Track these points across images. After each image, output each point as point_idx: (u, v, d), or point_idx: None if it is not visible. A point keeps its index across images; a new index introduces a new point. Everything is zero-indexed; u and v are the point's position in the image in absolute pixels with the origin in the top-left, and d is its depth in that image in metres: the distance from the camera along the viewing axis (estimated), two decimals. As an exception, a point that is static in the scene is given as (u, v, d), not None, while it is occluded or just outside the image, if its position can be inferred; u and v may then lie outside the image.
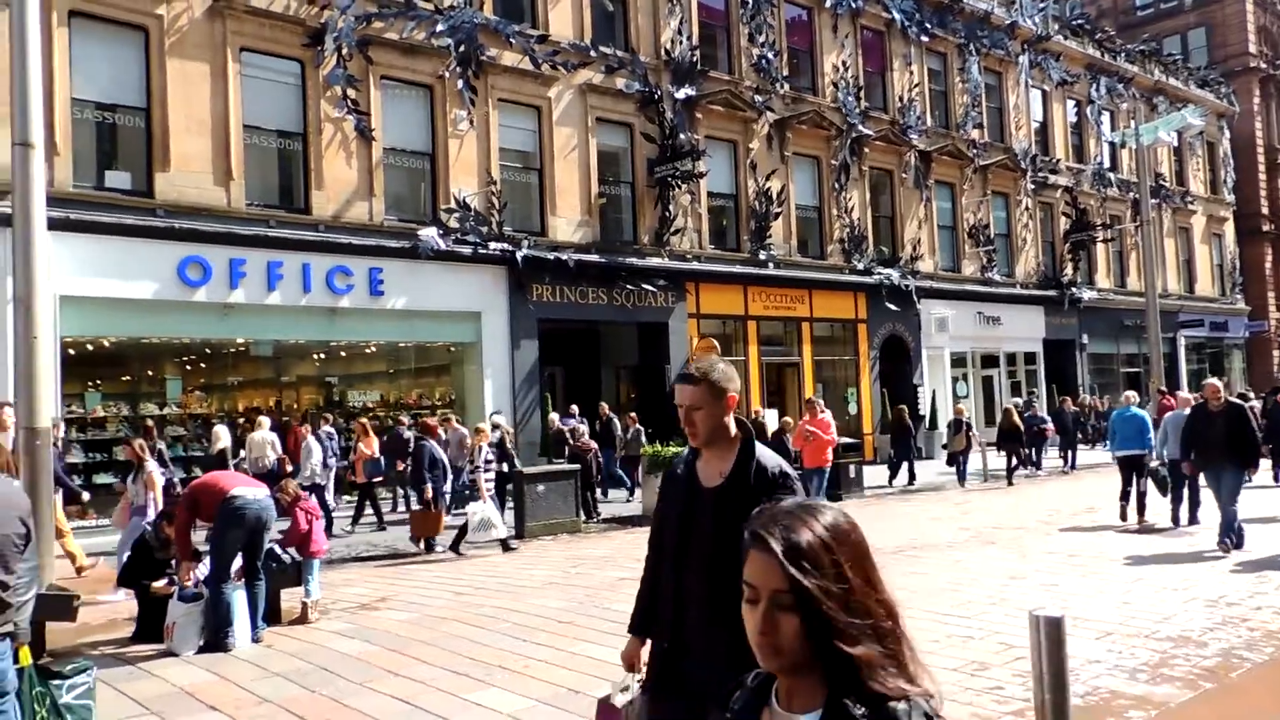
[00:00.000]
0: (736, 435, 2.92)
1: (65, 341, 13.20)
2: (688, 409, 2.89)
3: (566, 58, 18.75)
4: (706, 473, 2.93)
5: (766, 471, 2.83)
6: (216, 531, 7.40)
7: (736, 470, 2.85)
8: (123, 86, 14.13)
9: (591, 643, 7.06)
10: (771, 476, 2.83)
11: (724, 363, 2.99)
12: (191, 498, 7.51)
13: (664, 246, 20.10)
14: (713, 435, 2.89)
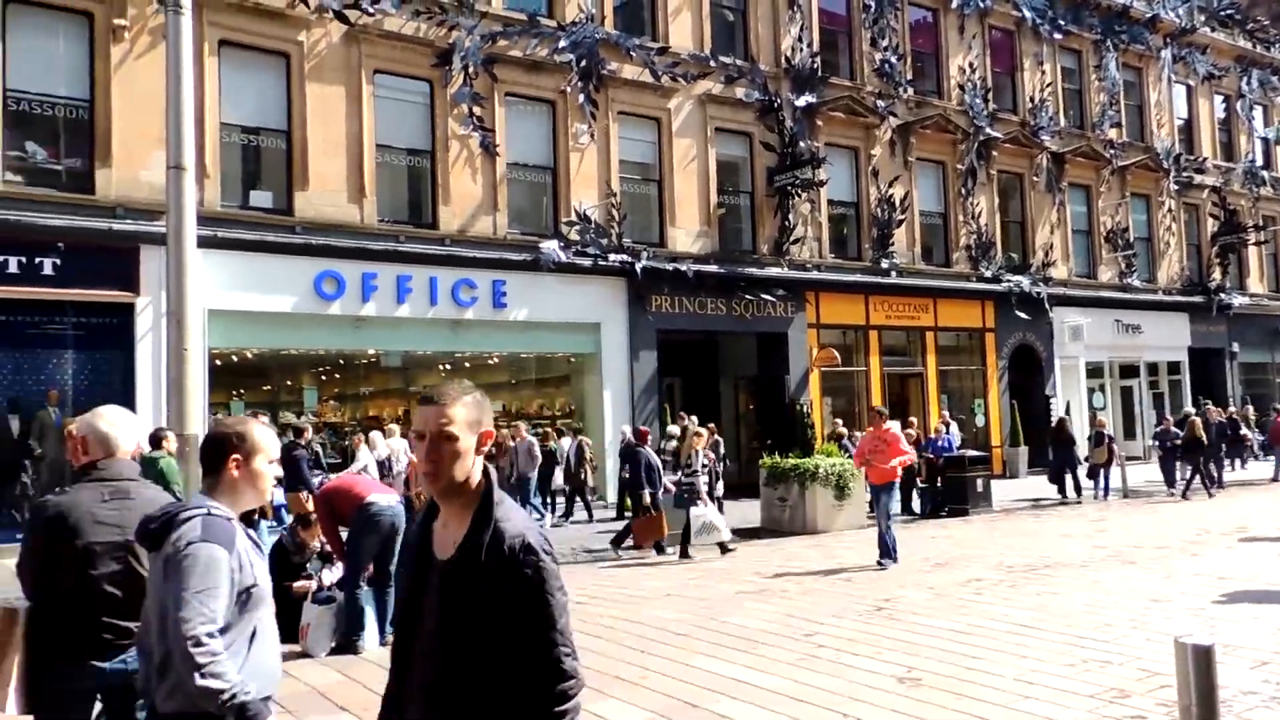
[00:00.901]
0: (479, 485, 2.27)
1: (212, 353, 13.97)
2: (434, 437, 2.22)
3: (686, 69, 18.81)
4: (441, 540, 2.28)
5: (503, 544, 2.17)
6: (353, 536, 7.68)
7: (469, 540, 2.20)
8: (266, 110, 14.90)
9: (708, 656, 7.02)
10: (509, 552, 2.17)
11: (479, 390, 2.37)
12: (328, 502, 7.80)
13: (783, 256, 19.91)
14: (454, 484, 2.24)
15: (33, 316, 12.91)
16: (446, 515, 2.29)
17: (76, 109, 13.40)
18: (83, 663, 3.40)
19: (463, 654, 2.18)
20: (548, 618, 2.20)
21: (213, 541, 2.61)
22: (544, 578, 2.20)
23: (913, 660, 6.71)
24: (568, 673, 2.20)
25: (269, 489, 2.87)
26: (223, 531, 2.65)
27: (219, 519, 2.68)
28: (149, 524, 2.73)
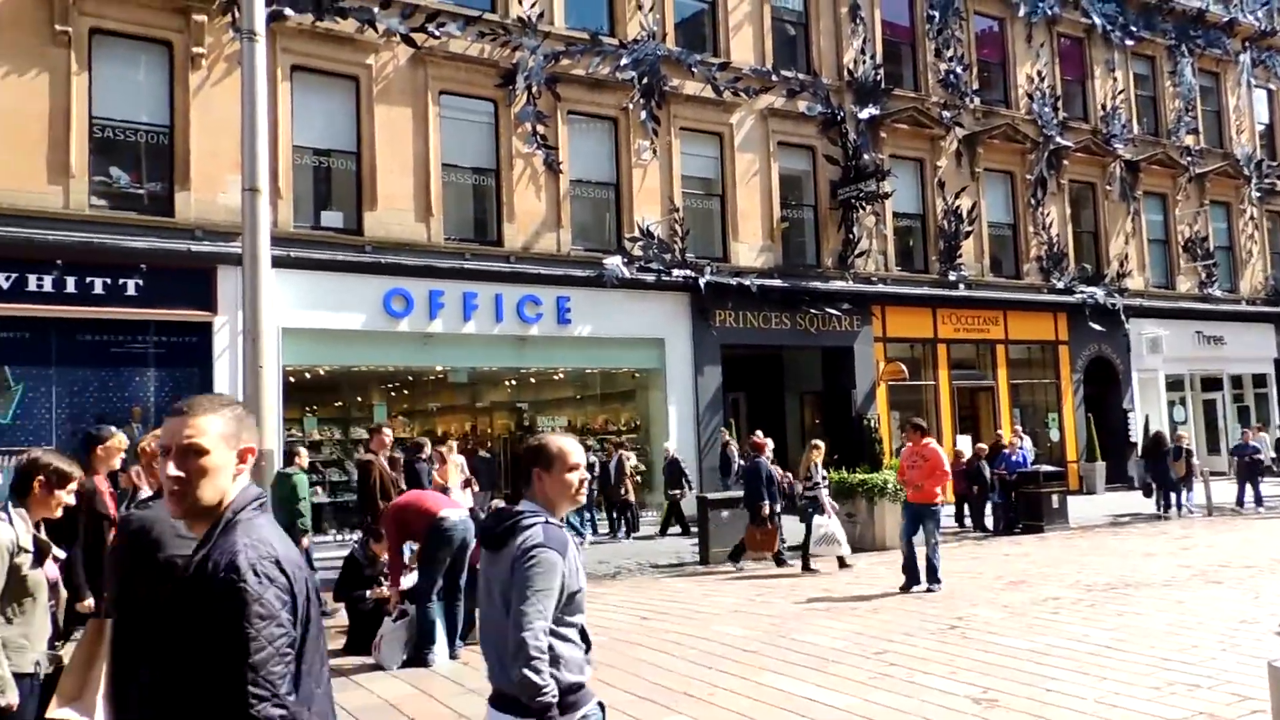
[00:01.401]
0: (222, 507, 2.05)
1: (286, 370, 14.29)
2: (180, 451, 2.02)
3: (748, 83, 18.79)
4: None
5: (207, 563, 1.95)
6: (426, 551, 7.77)
7: (197, 564, 1.99)
8: (336, 133, 15.26)
9: (777, 673, 6.93)
10: (210, 570, 1.94)
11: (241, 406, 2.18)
12: (399, 518, 7.88)
13: (848, 269, 19.71)
14: (201, 506, 2.02)
15: (117, 336, 13.36)
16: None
17: (157, 135, 13.88)
18: None
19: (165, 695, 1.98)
20: (241, 650, 1.89)
21: (551, 548, 2.84)
22: (243, 601, 1.89)
23: (988, 681, 6.53)
24: (255, 718, 1.89)
25: (582, 493, 3.06)
26: (558, 539, 2.89)
27: (554, 526, 2.93)
28: (495, 526, 2.99)
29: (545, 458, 2.99)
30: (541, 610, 2.78)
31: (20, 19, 12.84)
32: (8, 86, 12.71)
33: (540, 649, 2.74)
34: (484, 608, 3.07)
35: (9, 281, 12.51)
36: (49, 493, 3.80)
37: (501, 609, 2.88)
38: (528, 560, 2.81)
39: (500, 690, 2.89)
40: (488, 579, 3.00)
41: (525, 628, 2.74)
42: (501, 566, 2.90)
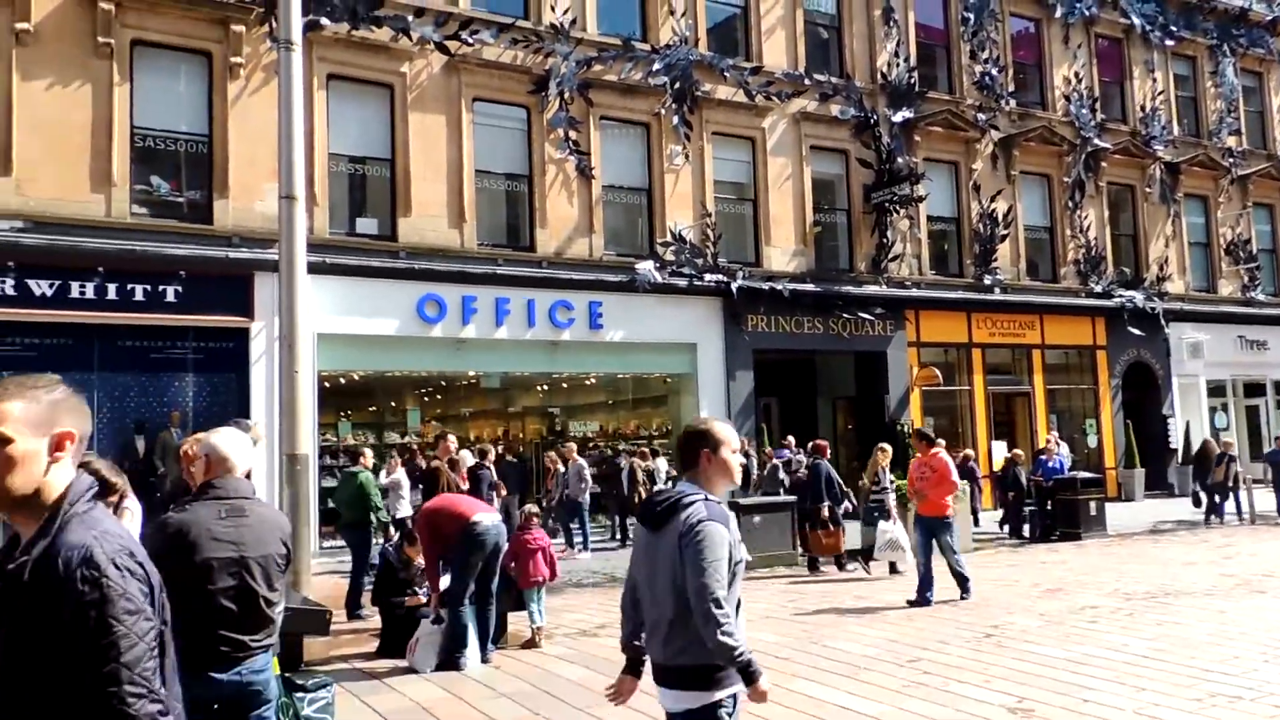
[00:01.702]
0: (61, 496, 1.90)
1: (321, 375, 14.43)
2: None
3: (780, 87, 18.74)
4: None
5: (56, 559, 1.81)
6: (459, 555, 7.80)
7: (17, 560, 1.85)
8: (371, 140, 15.42)
9: (810, 680, 6.89)
10: (63, 567, 1.80)
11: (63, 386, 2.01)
12: (432, 522, 7.91)
13: (882, 273, 19.58)
14: (12, 497, 1.87)
15: (157, 342, 13.58)
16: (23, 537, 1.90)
17: (196, 144, 14.11)
18: (201, 674, 3.52)
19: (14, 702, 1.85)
20: (109, 648, 1.79)
21: (716, 521, 3.03)
22: (108, 598, 1.78)
23: (1024, 690, 6.45)
24: (135, 717, 1.80)
25: (739, 475, 3.26)
26: (721, 513, 3.07)
27: (714, 503, 3.11)
28: (655, 505, 3.18)
29: (713, 440, 3.19)
30: (719, 579, 2.96)
31: (64, 32, 13.11)
32: (52, 98, 12.98)
33: (726, 614, 2.93)
34: (644, 589, 3.22)
35: (53, 289, 12.76)
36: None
37: (666, 586, 3.05)
38: (696, 535, 2.99)
39: (663, 665, 3.09)
40: (649, 559, 3.17)
41: (708, 596, 2.92)
42: (665, 545, 3.07)
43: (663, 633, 3.08)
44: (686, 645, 3.03)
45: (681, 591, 3.02)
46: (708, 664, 3.02)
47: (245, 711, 3.60)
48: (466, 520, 7.71)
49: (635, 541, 3.38)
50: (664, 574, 3.07)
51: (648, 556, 3.20)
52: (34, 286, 12.66)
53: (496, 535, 7.77)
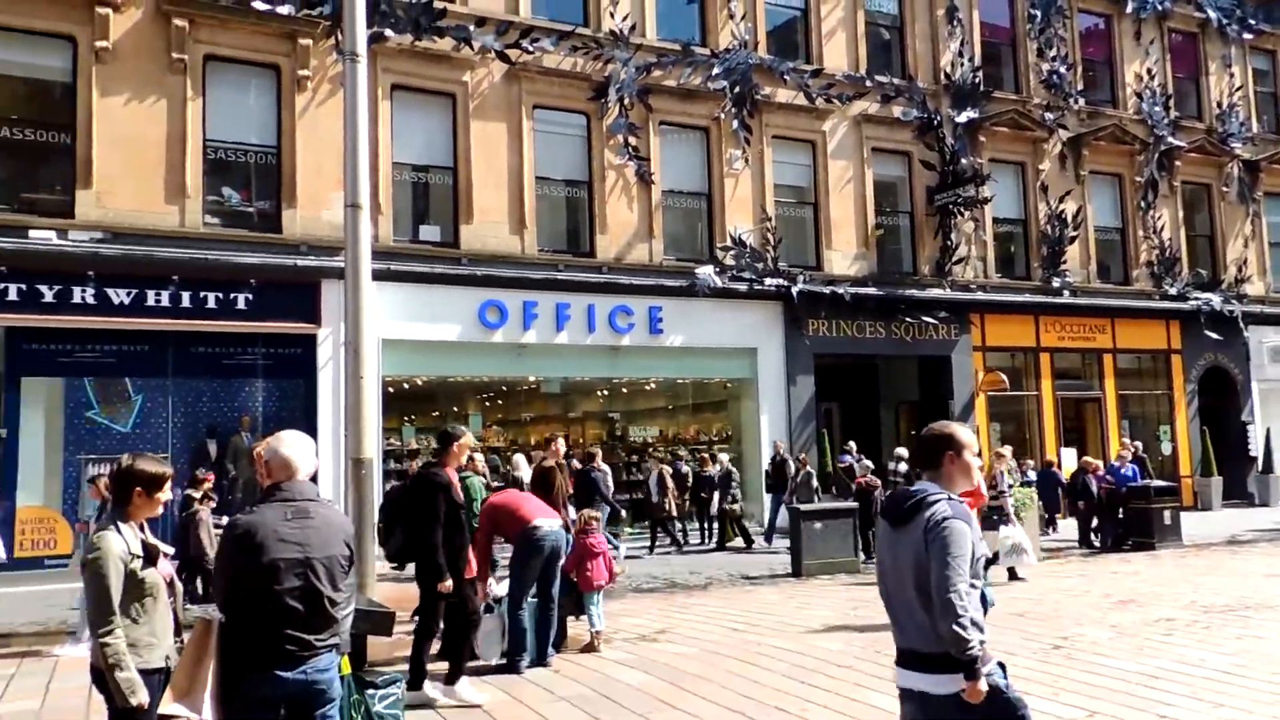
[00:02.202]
0: None
1: (385, 380, 14.67)
2: None
3: (841, 90, 18.58)
4: None
5: None
6: (517, 557, 7.86)
7: None
8: (433, 148, 15.65)
9: (871, 689, 6.79)
10: None
11: None
12: (493, 517, 7.98)
13: (946, 277, 19.28)
14: None
15: (228, 348, 13.95)
16: None
17: (266, 155, 14.46)
18: (267, 672, 3.59)
19: None
20: None
21: (960, 518, 3.28)
22: None
23: (1094, 704, 6.28)
24: None
25: (976, 477, 3.52)
26: (965, 511, 3.32)
27: (957, 501, 3.35)
28: (902, 502, 3.42)
29: (957, 444, 3.46)
30: (962, 573, 3.18)
31: (140, 49, 13.54)
32: (129, 113, 13.41)
33: (965, 607, 3.14)
34: (890, 581, 3.47)
35: (130, 297, 13.17)
36: (148, 496, 3.97)
37: (910, 579, 3.30)
38: (942, 531, 3.23)
39: (910, 650, 3.34)
40: (894, 554, 3.42)
41: (950, 589, 3.14)
42: (908, 540, 3.33)
43: (916, 621, 3.31)
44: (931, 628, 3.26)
45: (927, 583, 3.24)
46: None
47: (311, 710, 3.67)
48: (527, 523, 7.75)
49: (879, 536, 3.67)
50: (908, 566, 3.32)
51: (890, 550, 3.46)
52: (113, 295, 13.09)
53: (555, 540, 7.80)
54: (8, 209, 12.91)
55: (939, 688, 3.27)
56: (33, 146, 13.37)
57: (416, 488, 6.75)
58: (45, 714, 6.72)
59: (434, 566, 6.41)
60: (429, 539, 6.44)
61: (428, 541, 6.44)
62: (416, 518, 6.57)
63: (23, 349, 12.83)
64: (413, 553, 6.65)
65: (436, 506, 6.47)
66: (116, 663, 3.65)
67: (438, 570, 6.40)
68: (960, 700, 3.20)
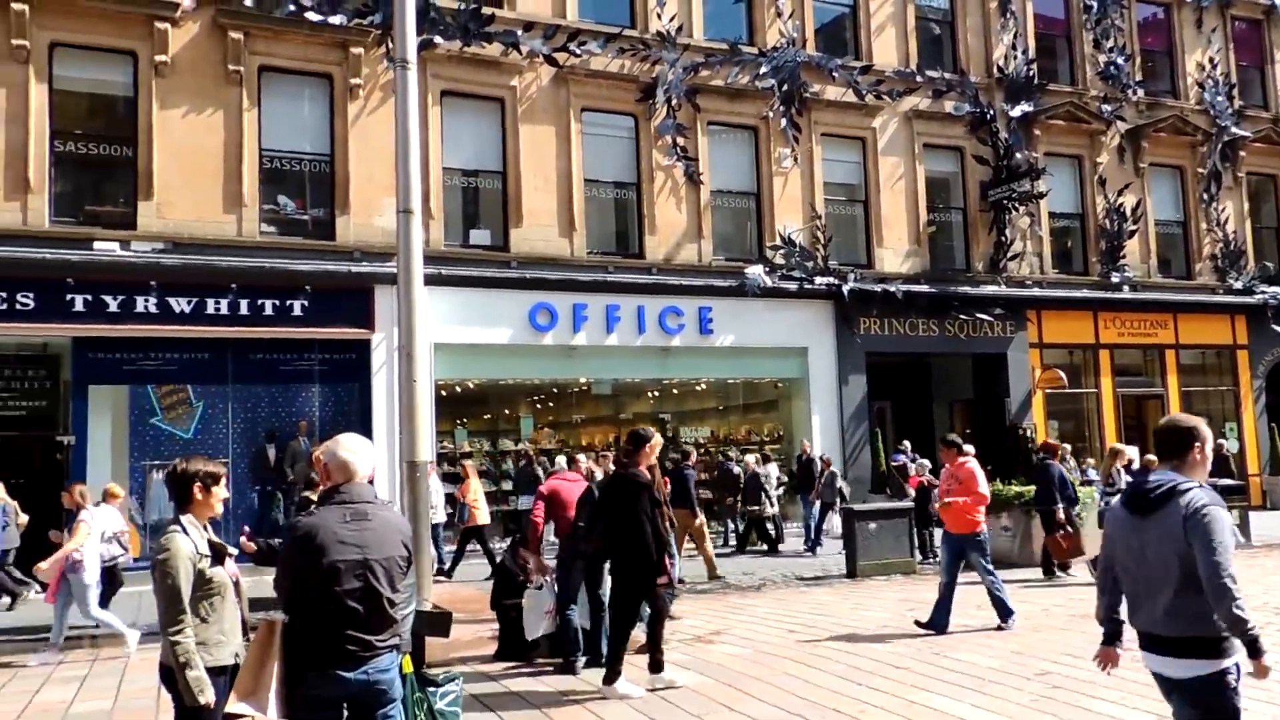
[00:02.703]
0: None
1: (437, 383, 14.81)
2: None
3: (891, 86, 18.37)
4: None
5: None
6: (562, 563, 7.90)
7: None
8: (483, 153, 15.79)
9: (930, 691, 6.69)
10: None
11: None
12: (553, 498, 8.00)
13: (1001, 273, 18.96)
14: None
15: (285, 354, 14.20)
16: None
17: (319, 163, 14.69)
18: (330, 672, 3.64)
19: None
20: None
21: (1217, 504, 3.46)
22: None
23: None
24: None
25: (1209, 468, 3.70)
26: (1218, 498, 3.50)
27: (1209, 488, 3.54)
28: (1149, 492, 3.58)
29: (1201, 436, 3.64)
30: (1230, 557, 3.35)
31: (198, 63, 13.85)
32: (188, 125, 13.72)
33: (1239, 590, 3.32)
34: (1130, 567, 3.65)
35: (190, 306, 13.47)
36: (208, 494, 4.04)
37: (1164, 564, 3.47)
38: (1204, 517, 3.39)
39: (1152, 634, 3.55)
40: (1139, 541, 3.59)
41: (1222, 574, 3.31)
42: (1160, 529, 3.49)
43: (1163, 607, 3.47)
44: (1194, 618, 3.42)
45: (1186, 569, 3.40)
46: (1214, 635, 3.41)
47: (373, 709, 3.71)
48: (572, 523, 7.79)
49: (1113, 524, 3.81)
50: (1160, 554, 3.48)
51: (1136, 538, 3.60)
52: (174, 304, 13.39)
53: None
54: (73, 222, 13.28)
55: (1186, 671, 3.46)
56: (96, 160, 13.74)
57: (618, 488, 6.98)
58: (117, 713, 6.89)
59: (645, 562, 6.71)
60: (637, 536, 6.73)
61: (636, 539, 6.72)
62: (620, 516, 6.83)
63: (89, 358, 13.19)
64: (615, 550, 6.91)
65: (641, 505, 6.77)
66: (187, 661, 3.72)
67: (650, 566, 6.72)
68: (1199, 684, 3.42)
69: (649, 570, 6.76)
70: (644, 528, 6.73)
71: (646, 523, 6.75)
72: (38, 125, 12.99)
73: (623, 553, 6.87)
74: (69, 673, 8.23)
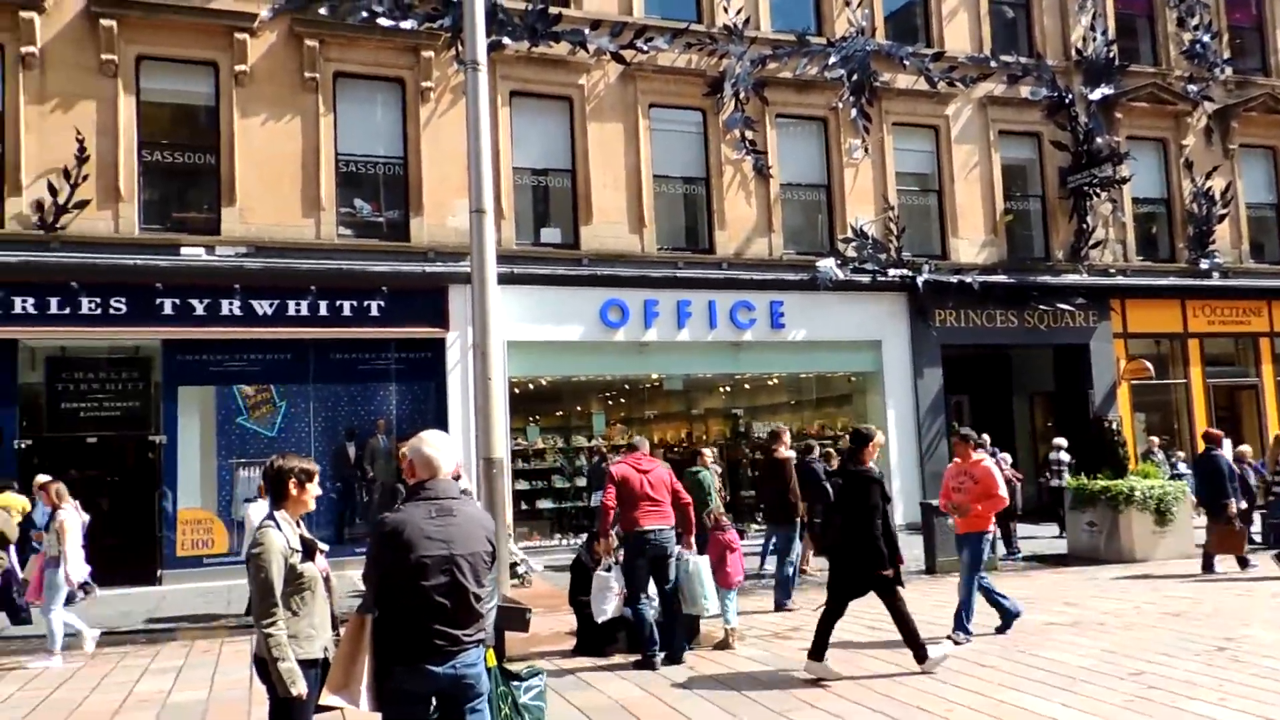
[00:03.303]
0: None
1: (510, 381, 14.96)
2: None
3: (964, 72, 17.98)
4: None
5: None
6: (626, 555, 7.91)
7: None
8: (552, 152, 15.88)
9: (1019, 691, 6.53)
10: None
11: None
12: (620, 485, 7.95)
13: (1082, 261, 18.43)
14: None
15: (363, 354, 14.48)
16: None
17: (393, 166, 14.94)
18: (418, 666, 3.69)
19: None
20: None
21: None
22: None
23: (1269, 710, 5.87)
24: None
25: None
26: None
27: None
28: None
29: None
30: None
31: (275, 72, 14.19)
32: (267, 132, 14.07)
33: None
34: None
35: (273, 308, 13.82)
36: (302, 490, 4.13)
37: None
38: None
39: None
40: None
41: None
42: None
43: None
44: None
45: None
46: None
47: (461, 704, 3.75)
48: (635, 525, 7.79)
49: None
50: None
51: None
52: (257, 306, 13.75)
53: (663, 542, 7.80)
54: (161, 229, 13.72)
55: None
56: (181, 168, 14.18)
57: (852, 483, 7.31)
58: (212, 704, 7.10)
59: (876, 553, 7.02)
60: (869, 529, 7.04)
61: (868, 531, 7.04)
62: (854, 510, 7.16)
63: (178, 360, 13.62)
64: (850, 542, 7.17)
65: (874, 499, 7.12)
66: (280, 654, 3.81)
67: (880, 557, 7.02)
68: None
69: (874, 562, 7.04)
70: (874, 521, 7.06)
71: (877, 516, 7.08)
72: (126, 136, 13.45)
73: (851, 544, 7.16)
74: (165, 664, 8.51)
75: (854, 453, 7.49)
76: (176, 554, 13.34)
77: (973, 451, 8.69)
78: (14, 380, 13.07)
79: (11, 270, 12.68)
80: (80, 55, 13.31)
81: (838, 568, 7.38)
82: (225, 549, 13.46)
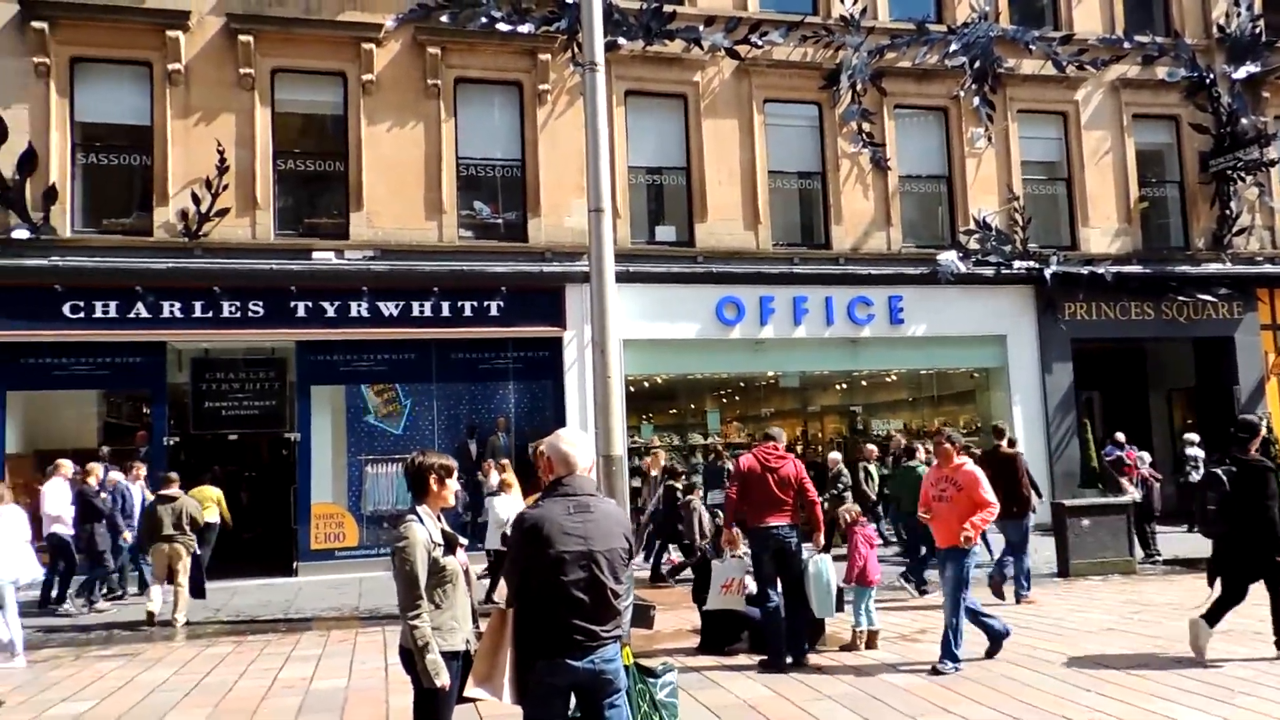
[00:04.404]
0: None
1: (626, 379, 15.05)
2: None
3: (1095, 55, 17.23)
4: None
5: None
6: (753, 554, 7.86)
7: None
8: (667, 150, 15.91)
9: (1170, 700, 6.21)
10: None
11: None
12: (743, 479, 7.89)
13: (1225, 249, 17.44)
14: None
15: (483, 353, 14.80)
16: None
17: (511, 168, 15.22)
18: (558, 660, 3.73)
19: None
20: None
21: None
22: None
23: None
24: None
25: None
26: None
27: None
28: None
29: None
30: None
31: (399, 80, 14.63)
32: (392, 138, 14.52)
33: None
34: None
35: (398, 309, 14.26)
36: (442, 486, 4.23)
37: None
38: None
39: None
40: None
41: None
42: None
43: None
44: None
45: None
46: None
47: (600, 698, 3.78)
48: (759, 522, 7.71)
49: None
50: None
51: None
52: (383, 308, 14.21)
53: (781, 538, 7.71)
54: (294, 234, 14.32)
55: None
56: (312, 176, 14.77)
57: (1247, 474, 7.47)
58: (351, 691, 7.36)
59: (1271, 541, 7.22)
60: (1262, 516, 7.25)
61: (1261, 519, 7.26)
62: (1250, 499, 7.35)
63: (310, 360, 14.19)
64: (1246, 530, 7.34)
65: (1270, 489, 7.33)
66: (425, 645, 3.91)
67: (1273, 545, 7.21)
68: None
69: (1271, 548, 7.20)
70: (1270, 510, 7.23)
71: (1273, 505, 7.25)
72: (262, 146, 14.08)
73: (1245, 533, 7.32)
74: (305, 652, 8.87)
75: (1243, 443, 7.65)
76: (310, 547, 13.90)
77: (956, 454, 7.71)
78: (163, 381, 13.85)
79: (160, 276, 13.42)
80: (220, 70, 14.00)
81: (1228, 555, 7.49)
82: (355, 542, 13.97)
